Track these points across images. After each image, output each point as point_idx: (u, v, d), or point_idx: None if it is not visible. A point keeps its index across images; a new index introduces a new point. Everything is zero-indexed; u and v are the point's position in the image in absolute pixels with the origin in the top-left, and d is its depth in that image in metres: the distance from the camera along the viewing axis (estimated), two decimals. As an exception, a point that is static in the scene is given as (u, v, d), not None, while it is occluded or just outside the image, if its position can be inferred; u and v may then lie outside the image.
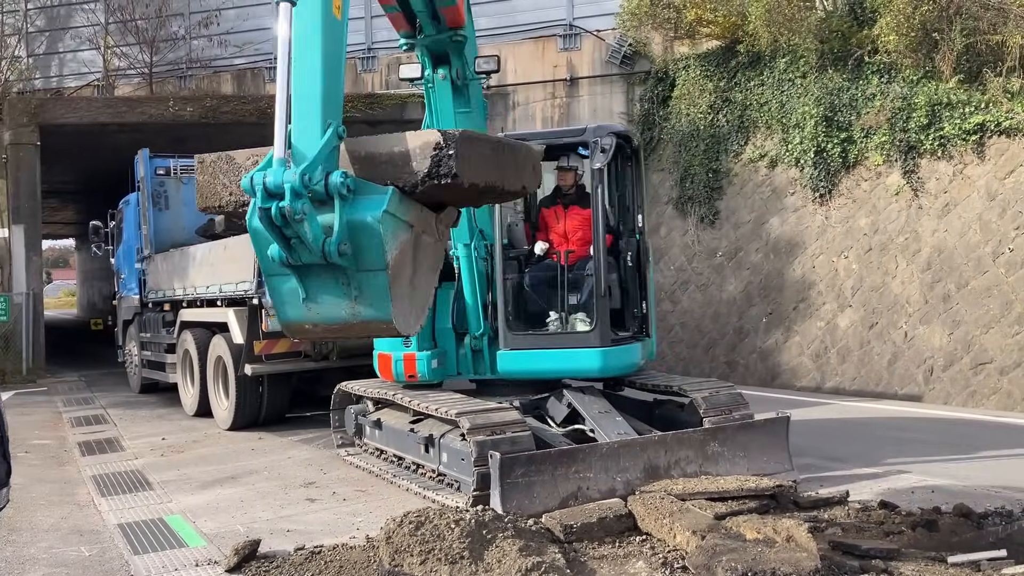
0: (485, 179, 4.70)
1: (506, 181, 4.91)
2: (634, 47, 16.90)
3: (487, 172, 4.73)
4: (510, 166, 4.98)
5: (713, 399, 7.25)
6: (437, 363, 7.89)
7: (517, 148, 5.19)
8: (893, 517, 5.52)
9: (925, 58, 12.49)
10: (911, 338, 11.84)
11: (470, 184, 4.57)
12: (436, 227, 4.94)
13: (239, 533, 6.21)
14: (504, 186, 4.90)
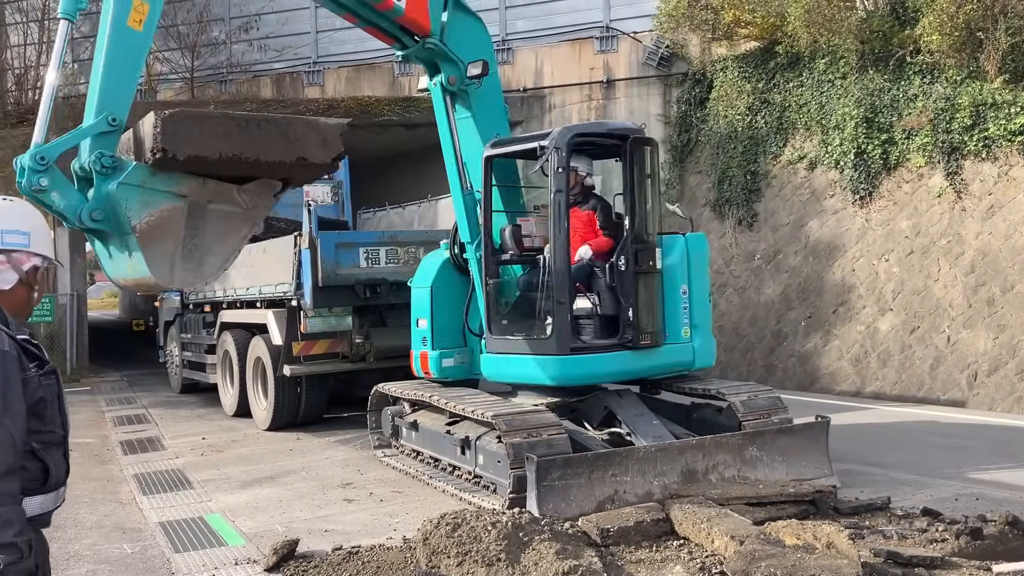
0: (216, 152, 5.38)
1: (266, 154, 5.54)
2: (671, 49, 16.81)
3: (219, 146, 5.40)
4: (273, 140, 5.59)
5: (751, 403, 7.18)
6: (457, 362, 7.96)
7: (283, 123, 5.78)
8: (937, 525, 5.42)
9: (969, 58, 12.28)
10: (954, 342, 11.64)
11: (187, 157, 5.33)
12: (239, 197, 5.68)
13: (278, 533, 6.27)
14: (263, 158, 5.54)
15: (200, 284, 5.84)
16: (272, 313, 10.46)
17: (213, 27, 19.71)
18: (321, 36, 19.11)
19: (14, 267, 2.73)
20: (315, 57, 19.23)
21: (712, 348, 7.88)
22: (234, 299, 11.75)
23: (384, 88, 18.70)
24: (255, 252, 11.26)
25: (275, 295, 10.42)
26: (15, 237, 2.73)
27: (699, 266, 7.73)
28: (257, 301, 11.04)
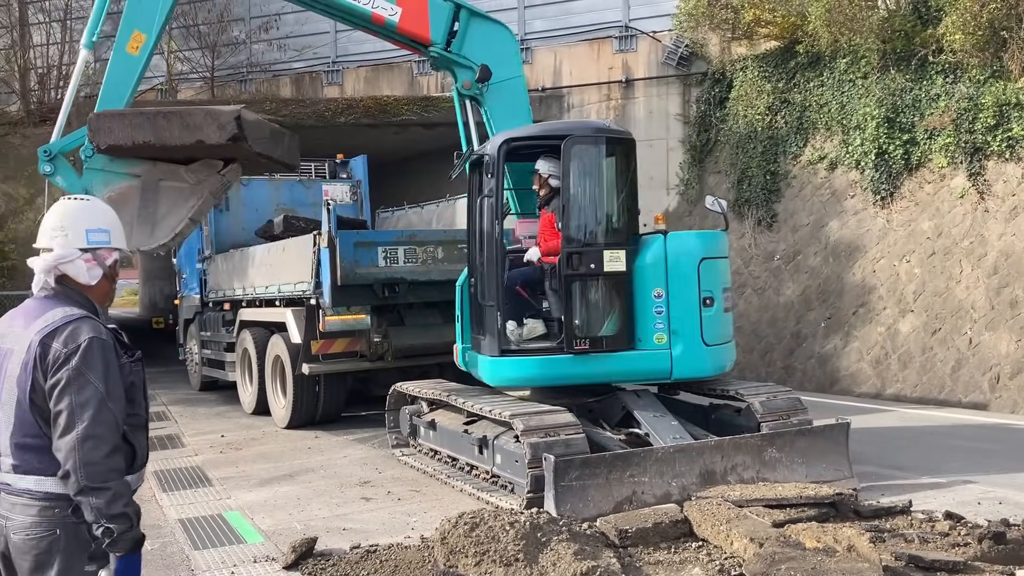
0: (131, 140, 7.24)
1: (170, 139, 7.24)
2: (691, 48, 16.74)
3: (133, 135, 7.24)
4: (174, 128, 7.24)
5: (771, 404, 7.14)
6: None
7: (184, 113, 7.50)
8: (959, 529, 5.37)
9: (993, 57, 12.16)
10: (976, 345, 11.53)
11: (108, 147, 7.33)
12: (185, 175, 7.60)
13: (296, 530, 6.29)
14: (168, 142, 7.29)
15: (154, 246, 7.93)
16: (291, 312, 10.51)
17: (233, 27, 19.82)
18: (340, 36, 19.15)
19: (99, 263, 2.92)
20: (334, 57, 19.29)
21: (705, 356, 7.25)
22: (253, 297, 11.81)
23: (403, 88, 18.73)
24: (274, 251, 11.33)
25: (294, 294, 10.46)
26: (99, 235, 2.92)
27: (682, 268, 7.18)
28: (276, 299, 11.08)
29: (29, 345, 2.69)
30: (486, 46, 8.01)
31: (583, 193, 7.28)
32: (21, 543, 2.69)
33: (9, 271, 18.32)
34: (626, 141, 7.52)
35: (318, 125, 18.04)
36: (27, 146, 18.58)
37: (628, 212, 7.46)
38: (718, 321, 7.33)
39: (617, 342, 7.12)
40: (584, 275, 7.08)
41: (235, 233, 13.54)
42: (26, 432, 2.69)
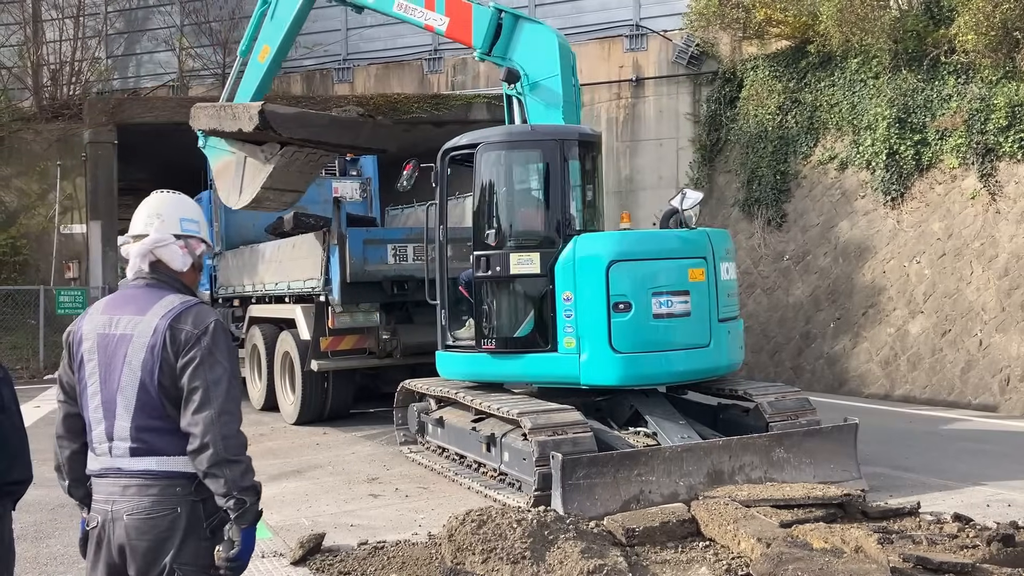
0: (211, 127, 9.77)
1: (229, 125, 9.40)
2: (701, 47, 16.71)
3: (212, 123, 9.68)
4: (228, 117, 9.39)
5: (779, 404, 7.13)
6: None
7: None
8: (968, 531, 5.35)
9: (1005, 58, 12.10)
10: (986, 346, 11.48)
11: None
12: (259, 154, 9.56)
13: (304, 526, 6.31)
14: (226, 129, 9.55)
15: (237, 206, 10.35)
16: (300, 308, 10.54)
17: (245, 24, 19.85)
18: (351, 34, 19.20)
19: (190, 252, 3.01)
20: (345, 54, 19.33)
21: (615, 364, 6.86)
22: (263, 294, 11.85)
23: (413, 85, 18.76)
24: (284, 248, 11.36)
25: (303, 290, 10.49)
26: (190, 225, 3.02)
27: (588, 271, 6.92)
28: (286, 296, 11.12)
29: (156, 328, 2.78)
30: (527, 47, 8.18)
31: (494, 198, 7.52)
32: (139, 524, 2.74)
33: (21, 266, 18.42)
34: (550, 143, 7.43)
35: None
36: (39, 142, 18.72)
37: (552, 214, 7.38)
38: (635, 328, 6.86)
39: (533, 344, 7.21)
40: (492, 278, 7.29)
41: (245, 230, 13.58)
42: (149, 414, 2.78)
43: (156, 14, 21.11)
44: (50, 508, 7.02)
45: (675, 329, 7.01)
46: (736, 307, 7.63)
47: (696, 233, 7.34)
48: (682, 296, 7.00)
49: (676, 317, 6.98)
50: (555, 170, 7.36)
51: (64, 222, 18.56)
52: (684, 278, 7.04)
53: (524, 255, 7.23)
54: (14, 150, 18.86)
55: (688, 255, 7.14)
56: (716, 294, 7.17)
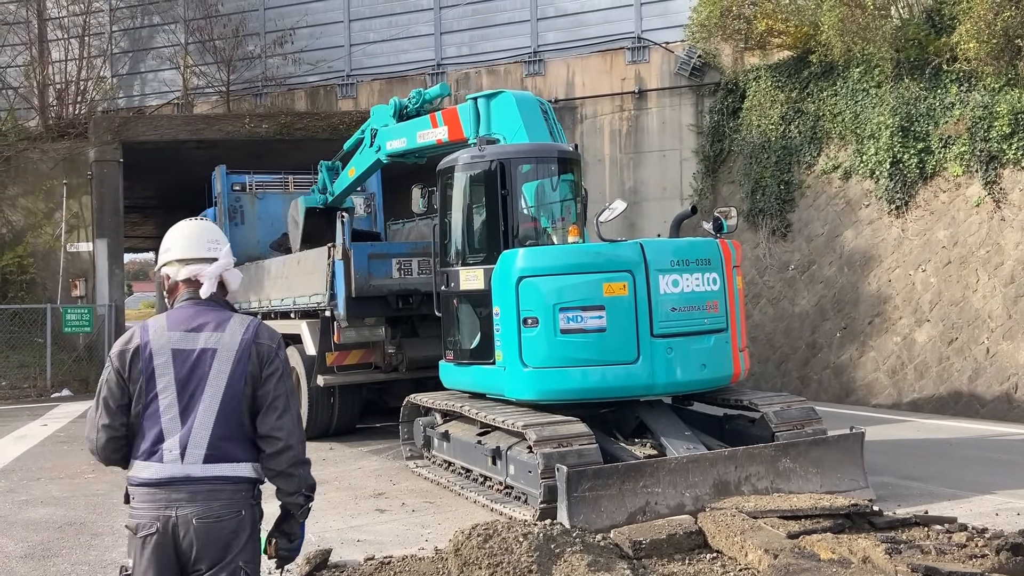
0: None
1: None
2: (703, 59, 16.76)
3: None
4: None
5: (785, 414, 7.11)
6: None
7: None
8: (976, 540, 5.32)
9: (1007, 65, 12.10)
10: (993, 354, 11.44)
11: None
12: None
13: (310, 542, 6.29)
14: None
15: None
16: (306, 323, 10.56)
17: (248, 41, 19.99)
18: (355, 50, 19.30)
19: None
20: (348, 70, 19.42)
21: (526, 379, 6.91)
22: (268, 310, 11.87)
23: (416, 100, 18.80)
24: (289, 263, 11.39)
25: (309, 306, 10.51)
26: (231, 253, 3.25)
27: (501, 286, 7.05)
28: (291, 312, 11.14)
29: (241, 343, 3.00)
30: (499, 116, 8.63)
31: (450, 216, 8.01)
32: (210, 527, 2.92)
33: (28, 285, 18.49)
34: (495, 164, 7.68)
35: (332, 138, 18.11)
36: (45, 161, 18.83)
37: (493, 231, 7.63)
38: (542, 343, 6.84)
39: (479, 356, 7.54)
40: (449, 292, 7.82)
41: (250, 246, 13.64)
42: (229, 422, 2.97)
43: (160, 33, 21.25)
44: (57, 527, 7.02)
45: (588, 345, 6.85)
46: (704, 321, 7.16)
47: (620, 246, 7.18)
48: (595, 311, 6.84)
49: (588, 332, 6.84)
50: (500, 188, 7.64)
51: (70, 240, 18.64)
52: (598, 292, 6.85)
53: (471, 271, 7.60)
54: (20, 169, 18.97)
55: (605, 269, 6.94)
56: (649, 308, 6.90)
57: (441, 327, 8.29)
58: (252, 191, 13.97)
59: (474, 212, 7.93)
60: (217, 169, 13.86)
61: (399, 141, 10.19)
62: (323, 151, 18.67)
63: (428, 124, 9.59)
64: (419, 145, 9.84)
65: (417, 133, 9.78)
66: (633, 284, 6.88)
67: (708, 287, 7.18)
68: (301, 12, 19.48)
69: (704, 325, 7.15)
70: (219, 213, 13.76)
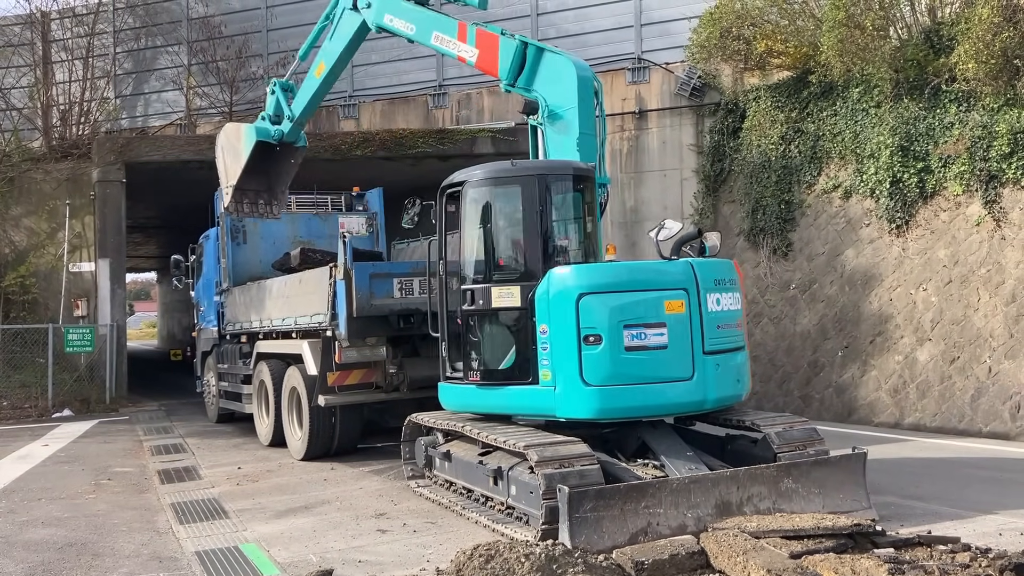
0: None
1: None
2: (704, 79, 16.86)
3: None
4: None
5: (787, 434, 7.11)
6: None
7: None
8: (980, 560, 5.31)
9: (1006, 85, 12.16)
10: (996, 373, 11.43)
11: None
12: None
13: (312, 563, 6.29)
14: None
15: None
16: (307, 343, 10.57)
17: (251, 62, 20.13)
18: (357, 70, 19.41)
19: None
20: (351, 91, 19.53)
21: (587, 397, 6.83)
22: (270, 329, 11.89)
23: (418, 121, 18.93)
24: (291, 283, 11.42)
25: (310, 325, 10.53)
26: None
27: (559, 304, 6.92)
28: (293, 331, 11.15)
29: None
30: (548, 79, 8.41)
31: (476, 233, 7.66)
32: None
33: (30, 304, 18.52)
34: (529, 179, 7.53)
35: (335, 158, 18.23)
36: (49, 181, 18.93)
37: (532, 249, 7.46)
38: (606, 360, 6.80)
39: (515, 376, 7.27)
40: (476, 311, 7.47)
41: (252, 266, 13.67)
42: None
43: (164, 54, 21.40)
44: (58, 548, 7.01)
45: (650, 362, 6.87)
46: (736, 339, 7.42)
47: (675, 264, 7.27)
48: (657, 328, 6.88)
49: (651, 350, 6.86)
50: (536, 205, 7.47)
51: (73, 260, 18.69)
52: (660, 310, 6.92)
53: (505, 289, 7.37)
54: (24, 190, 19.06)
55: (664, 287, 7.01)
56: (701, 326, 7.01)
57: (444, 347, 8.06)
58: (255, 211, 13.99)
59: (507, 228, 7.67)
60: (219, 189, 13.90)
61: (404, 23, 9.46)
62: (325, 171, 18.81)
63: (453, 32, 8.89)
64: (429, 45, 9.26)
65: (433, 32, 9.12)
66: (688, 302, 6.99)
67: (737, 306, 7.44)
68: (304, 34, 19.43)
69: (736, 343, 7.43)
70: (221, 233, 13.81)
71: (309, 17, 19.69)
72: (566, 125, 8.34)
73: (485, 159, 12.65)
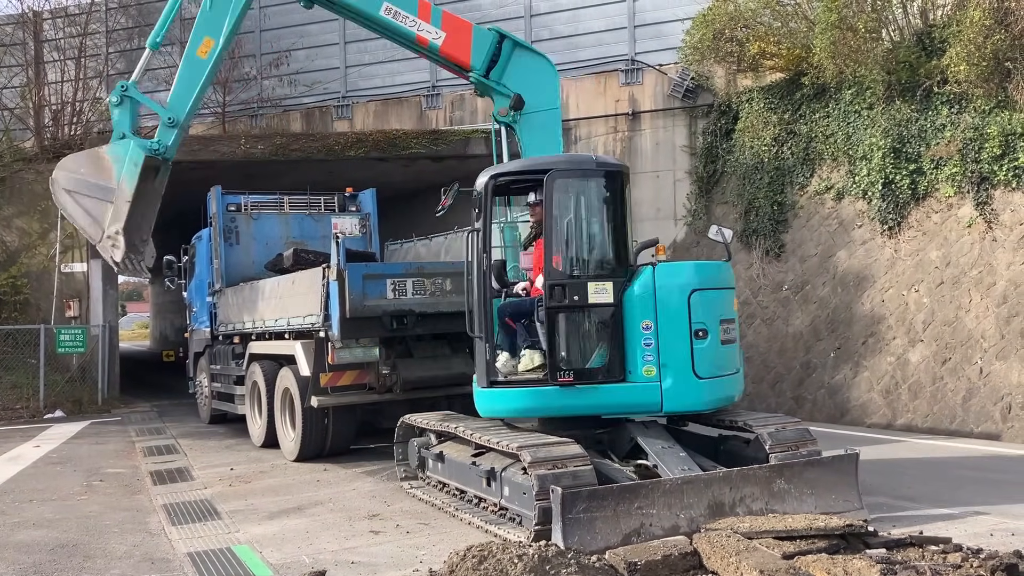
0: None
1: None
2: (696, 80, 16.88)
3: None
4: None
5: (779, 435, 7.13)
6: None
7: None
8: (971, 560, 5.32)
9: (997, 87, 12.22)
10: (987, 374, 11.47)
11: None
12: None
13: (304, 564, 6.28)
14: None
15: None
16: (300, 344, 10.55)
17: (244, 63, 20.08)
18: (350, 71, 19.40)
19: None
20: (344, 92, 19.51)
21: (698, 389, 7.10)
22: (263, 330, 11.87)
23: (412, 122, 18.92)
24: (284, 284, 11.40)
25: (303, 326, 10.51)
26: None
27: (671, 300, 7.09)
28: (285, 332, 11.14)
29: None
30: (526, 76, 8.24)
31: (565, 226, 7.32)
32: None
33: (22, 305, 18.45)
34: (613, 173, 7.48)
35: (328, 159, 18.23)
36: (40, 182, 18.81)
37: (617, 244, 7.43)
38: (713, 353, 7.18)
39: (606, 374, 7.11)
40: (568, 307, 7.10)
41: (245, 267, 13.64)
42: None
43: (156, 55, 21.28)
44: (49, 549, 6.99)
45: (730, 355, 7.48)
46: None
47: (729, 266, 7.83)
48: (732, 324, 7.49)
49: (730, 344, 7.45)
50: (619, 200, 7.51)
51: (65, 261, 18.63)
52: (732, 307, 7.57)
53: (599, 284, 7.17)
54: (15, 190, 18.98)
55: (732, 286, 7.70)
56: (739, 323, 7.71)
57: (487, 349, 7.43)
58: (247, 212, 14.00)
59: (596, 222, 7.49)
60: (212, 190, 13.89)
61: None
62: (318, 172, 18.78)
63: (414, 9, 8.18)
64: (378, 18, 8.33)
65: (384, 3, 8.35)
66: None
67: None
68: (297, 34, 19.58)
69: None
70: (214, 234, 13.78)
71: (302, 17, 19.70)
72: (548, 125, 8.34)
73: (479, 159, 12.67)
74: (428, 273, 10.16)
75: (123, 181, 9.56)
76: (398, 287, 9.94)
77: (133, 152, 9.50)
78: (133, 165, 9.40)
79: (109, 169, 9.62)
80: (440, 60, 8.43)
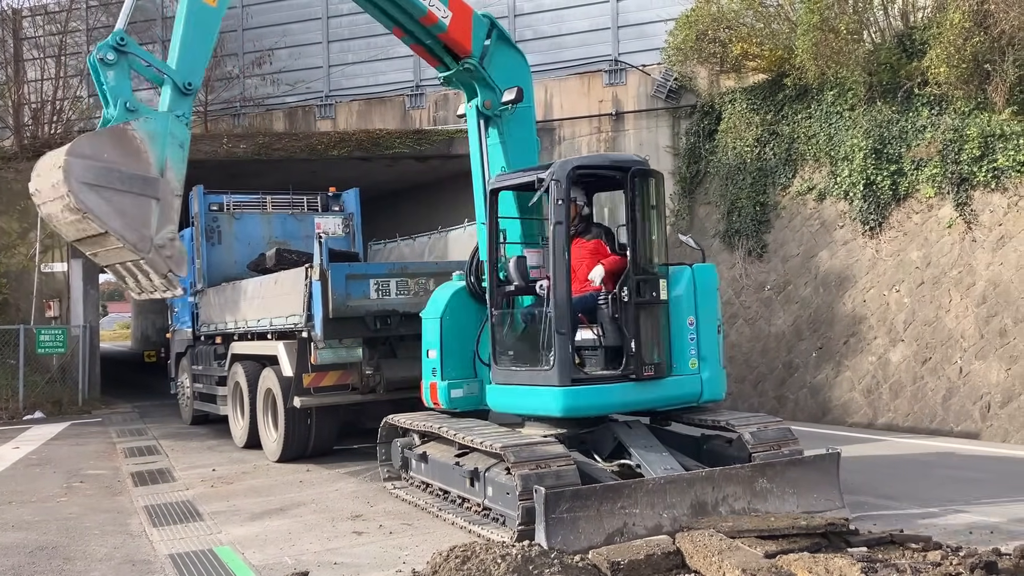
0: None
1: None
2: (680, 81, 16.94)
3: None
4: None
5: (761, 434, 7.16)
6: (466, 392, 8.01)
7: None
8: (951, 558, 5.36)
9: (977, 89, 12.33)
10: (967, 373, 11.57)
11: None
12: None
13: (287, 565, 6.25)
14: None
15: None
16: (283, 344, 10.51)
17: (227, 62, 19.97)
18: (333, 70, 19.34)
19: None
20: (327, 91, 19.45)
21: (721, 380, 7.67)
22: (245, 331, 11.81)
23: (395, 121, 18.89)
24: (266, 284, 11.35)
25: (286, 327, 10.47)
26: None
27: (706, 297, 7.59)
28: (268, 333, 11.09)
29: None
30: (508, 71, 8.18)
31: (646, 222, 7.38)
32: None
33: (0, 305, 18.28)
34: (659, 175, 7.68)
35: (311, 158, 18.17)
36: (20, 181, 18.63)
37: (663, 242, 7.73)
38: (723, 347, 7.85)
39: (665, 368, 7.40)
40: (648, 303, 7.28)
41: (227, 267, 13.57)
42: None
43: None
44: (28, 551, 6.93)
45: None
46: None
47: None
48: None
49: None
50: (663, 199, 7.75)
51: (45, 261, 18.47)
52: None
53: (664, 281, 7.44)
54: (-5, 189, 18.82)
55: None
56: None
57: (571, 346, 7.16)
58: (229, 211, 13.93)
59: (658, 221, 7.54)
60: (194, 189, 13.81)
61: None
62: (301, 171, 18.71)
63: None
64: None
65: None
66: None
67: None
68: (280, 33, 19.51)
69: None
70: (196, 233, 13.71)
71: (285, 16, 19.66)
72: (529, 122, 8.35)
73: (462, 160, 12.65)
74: (412, 273, 10.14)
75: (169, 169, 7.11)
76: (381, 287, 9.91)
77: (175, 128, 7.14)
78: (179, 147, 7.14)
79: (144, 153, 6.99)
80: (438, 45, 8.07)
